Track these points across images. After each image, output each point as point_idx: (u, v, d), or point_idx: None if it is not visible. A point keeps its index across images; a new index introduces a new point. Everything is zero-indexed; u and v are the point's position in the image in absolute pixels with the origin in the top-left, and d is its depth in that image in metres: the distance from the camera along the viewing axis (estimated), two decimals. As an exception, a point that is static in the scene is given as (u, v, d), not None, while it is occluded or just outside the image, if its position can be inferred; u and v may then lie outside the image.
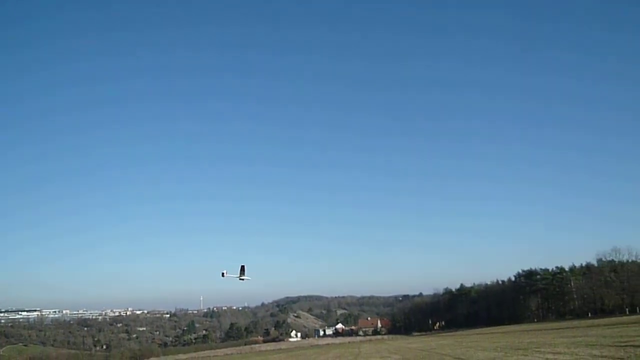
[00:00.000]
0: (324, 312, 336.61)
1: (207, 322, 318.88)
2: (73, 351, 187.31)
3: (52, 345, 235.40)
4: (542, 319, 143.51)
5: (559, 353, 22.95)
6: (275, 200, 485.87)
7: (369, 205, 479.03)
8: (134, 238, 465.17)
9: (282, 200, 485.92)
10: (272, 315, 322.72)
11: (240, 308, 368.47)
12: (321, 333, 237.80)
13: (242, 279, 62.27)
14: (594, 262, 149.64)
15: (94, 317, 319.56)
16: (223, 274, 62.05)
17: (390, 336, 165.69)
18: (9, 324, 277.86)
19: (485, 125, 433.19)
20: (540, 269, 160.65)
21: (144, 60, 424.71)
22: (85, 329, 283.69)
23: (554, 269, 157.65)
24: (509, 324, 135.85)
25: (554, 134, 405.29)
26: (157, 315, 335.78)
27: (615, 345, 24.35)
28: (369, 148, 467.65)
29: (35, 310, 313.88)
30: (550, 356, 21.72)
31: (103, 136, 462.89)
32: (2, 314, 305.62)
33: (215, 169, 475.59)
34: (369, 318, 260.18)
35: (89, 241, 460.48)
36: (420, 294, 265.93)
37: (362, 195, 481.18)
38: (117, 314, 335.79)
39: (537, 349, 26.88)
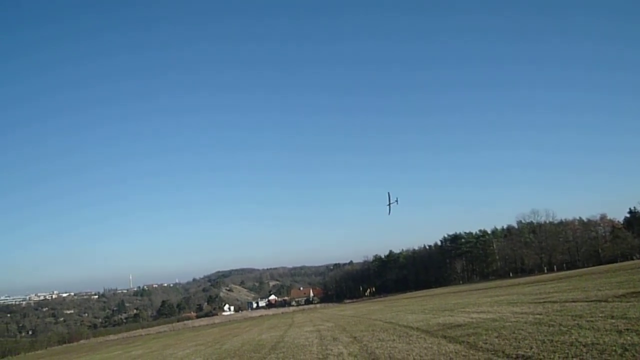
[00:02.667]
0: (257, 284, 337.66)
1: (138, 301, 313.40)
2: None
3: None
4: (467, 280, 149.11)
5: (483, 312, 23.93)
6: (202, 171, 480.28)
7: (302, 177, 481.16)
8: (56, 219, 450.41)
9: (210, 172, 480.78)
10: (204, 290, 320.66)
11: (172, 285, 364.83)
12: (254, 305, 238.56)
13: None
14: (514, 225, 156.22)
15: (17, 303, 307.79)
16: None
17: (323, 305, 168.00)
18: None
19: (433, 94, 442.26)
20: (465, 232, 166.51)
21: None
22: (9, 315, 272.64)
23: (478, 232, 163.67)
24: (437, 287, 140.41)
25: (478, 96, 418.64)
26: (85, 297, 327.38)
27: (534, 302, 25.61)
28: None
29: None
30: (475, 315, 22.62)
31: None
32: None
33: (146, 149, 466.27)
34: (301, 288, 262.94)
35: (7, 224, 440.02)
36: (351, 262, 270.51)
37: (297, 167, 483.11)
38: (42, 298, 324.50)
39: (462, 309, 27.92)
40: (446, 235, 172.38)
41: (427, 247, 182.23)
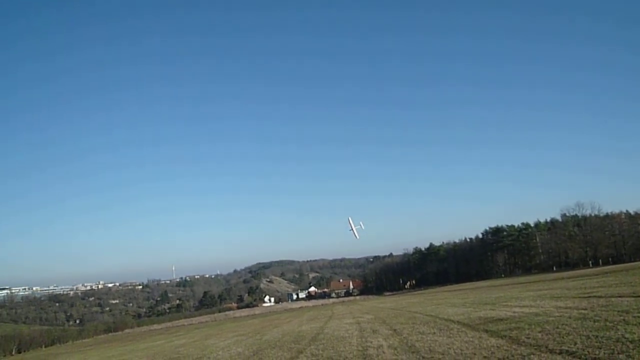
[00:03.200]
0: (297, 276, 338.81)
1: (180, 292, 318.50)
2: (46, 327, 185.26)
3: (24, 323, 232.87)
4: (509, 274, 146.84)
5: (525, 306, 23.57)
6: (245, 163, 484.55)
7: (339, 170, 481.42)
8: (102, 211, 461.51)
9: (252, 164, 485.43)
10: (245, 281, 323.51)
11: (213, 276, 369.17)
12: (294, 297, 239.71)
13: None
14: (558, 218, 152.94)
15: (65, 293, 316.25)
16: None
17: (363, 297, 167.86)
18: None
19: (462, 90, 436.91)
20: (507, 225, 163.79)
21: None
22: (57, 304, 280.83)
23: (520, 225, 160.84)
24: (477, 280, 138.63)
25: (523, 94, 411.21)
26: (130, 287, 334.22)
27: (579, 297, 25.10)
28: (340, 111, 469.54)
29: (4, 289, 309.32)
30: (517, 309, 22.29)
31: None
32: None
33: (187, 144, 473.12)
34: (341, 280, 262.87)
35: (56, 216, 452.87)
36: (391, 255, 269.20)
37: (335, 160, 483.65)
38: (88, 288, 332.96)
39: (504, 303, 27.55)
40: (488, 228, 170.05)
41: (468, 240, 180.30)
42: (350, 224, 72.97)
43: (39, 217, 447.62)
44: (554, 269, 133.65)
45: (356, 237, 69.94)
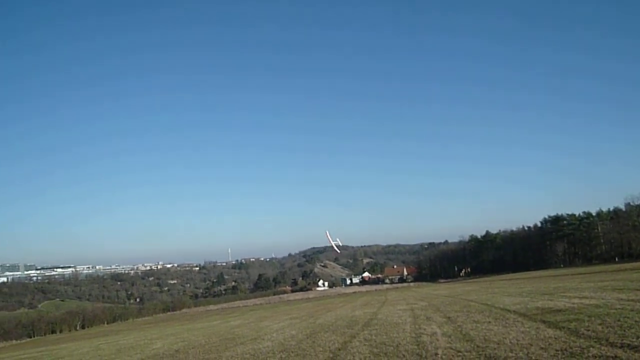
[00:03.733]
0: (350, 261, 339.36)
1: (236, 274, 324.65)
2: (108, 305, 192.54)
3: (88, 300, 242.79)
4: (569, 264, 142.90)
5: (585, 297, 22.94)
6: (301, 151, 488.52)
7: (393, 153, 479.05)
8: (162, 195, 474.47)
9: (309, 152, 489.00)
10: (299, 265, 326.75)
11: (268, 259, 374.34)
12: (348, 282, 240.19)
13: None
14: (622, 207, 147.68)
15: (126, 272, 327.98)
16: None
17: (417, 283, 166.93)
18: (46, 281, 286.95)
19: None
20: (567, 214, 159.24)
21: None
22: (119, 283, 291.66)
23: (581, 214, 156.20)
24: (535, 269, 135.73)
25: (577, 85, 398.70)
26: (187, 268, 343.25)
27: (642, 289, 24.28)
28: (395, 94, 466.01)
29: (69, 267, 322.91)
30: (576, 300, 21.72)
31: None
32: (38, 271, 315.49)
33: (242, 121, 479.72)
34: (395, 266, 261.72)
35: (119, 201, 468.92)
36: (446, 242, 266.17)
37: (388, 143, 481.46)
38: (148, 268, 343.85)
39: (563, 294, 26.89)
40: (547, 217, 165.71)
41: (526, 228, 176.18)
42: (328, 237, 72.45)
43: (103, 201, 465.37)
44: (616, 260, 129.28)
45: (337, 251, 69.47)
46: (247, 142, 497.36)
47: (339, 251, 71.36)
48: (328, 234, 72.28)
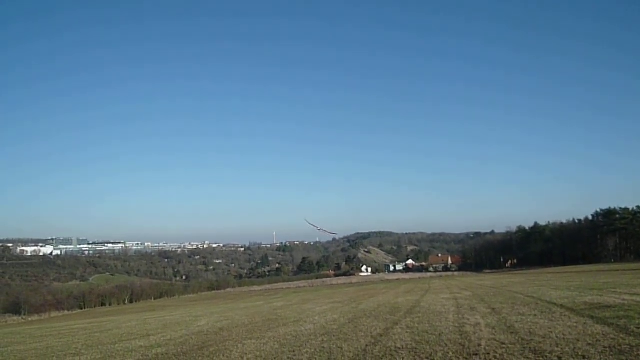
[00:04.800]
0: (395, 248, 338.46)
1: (280, 256, 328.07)
2: (155, 281, 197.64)
3: (136, 275, 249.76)
4: (620, 259, 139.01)
5: (637, 294, 22.30)
6: (348, 136, 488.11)
7: (439, 137, 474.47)
8: (209, 175, 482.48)
9: (356, 135, 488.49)
10: (343, 250, 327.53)
11: (312, 243, 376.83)
12: (391, 268, 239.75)
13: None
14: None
15: (173, 250, 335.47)
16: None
17: (461, 273, 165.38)
18: (97, 255, 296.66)
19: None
20: (620, 208, 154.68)
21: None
22: (166, 260, 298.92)
23: (635, 208, 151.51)
24: (584, 264, 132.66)
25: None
26: (233, 249, 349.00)
27: (698, 288, 23.44)
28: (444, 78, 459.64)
29: (120, 243, 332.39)
30: (627, 297, 21.13)
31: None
32: (90, 246, 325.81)
33: (292, 110, 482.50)
34: (439, 255, 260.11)
35: (169, 178, 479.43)
36: (493, 232, 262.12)
37: (434, 125, 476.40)
38: (195, 247, 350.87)
39: (613, 289, 26.21)
40: (599, 210, 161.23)
41: (577, 221, 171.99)
42: (309, 223, 72.52)
43: (154, 181, 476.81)
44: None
45: (329, 233, 70.06)
46: (294, 130, 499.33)
47: (336, 233, 69.81)
48: (307, 221, 72.06)
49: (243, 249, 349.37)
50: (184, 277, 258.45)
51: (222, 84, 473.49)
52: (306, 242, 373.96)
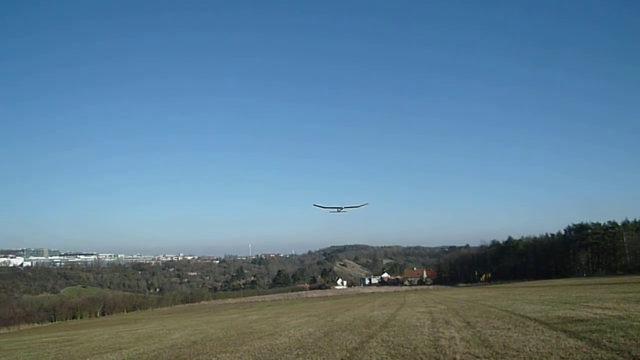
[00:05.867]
0: (370, 261, 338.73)
1: (256, 269, 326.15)
2: (128, 293, 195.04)
3: (109, 287, 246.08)
4: (592, 273, 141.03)
5: (608, 308, 22.59)
6: (323, 150, 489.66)
7: (413, 153, 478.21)
8: (184, 187, 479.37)
9: (330, 156, 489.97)
10: (318, 263, 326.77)
11: (288, 256, 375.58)
12: (367, 282, 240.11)
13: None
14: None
15: (147, 262, 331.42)
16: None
17: (436, 286, 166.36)
18: (69, 267, 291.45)
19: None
20: (592, 223, 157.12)
21: None
22: (140, 272, 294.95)
23: (606, 223, 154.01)
24: (557, 278, 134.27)
25: (606, 88, 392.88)
26: (207, 261, 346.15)
27: (667, 302, 23.85)
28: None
29: (92, 254, 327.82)
30: (599, 311, 21.40)
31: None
32: (62, 257, 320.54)
33: (267, 123, 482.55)
34: (414, 268, 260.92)
35: (143, 190, 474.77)
36: (467, 246, 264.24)
37: (409, 143, 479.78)
38: (169, 259, 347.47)
39: (585, 304, 26.52)
40: (571, 225, 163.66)
41: (550, 236, 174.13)
42: (322, 207, 67.35)
43: (127, 192, 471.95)
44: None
45: (343, 208, 65.47)
46: (269, 141, 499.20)
47: (346, 207, 66.68)
48: (316, 204, 68.08)
49: (218, 262, 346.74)
50: (157, 290, 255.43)
51: (198, 97, 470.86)
52: (282, 255, 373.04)
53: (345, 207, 61.85)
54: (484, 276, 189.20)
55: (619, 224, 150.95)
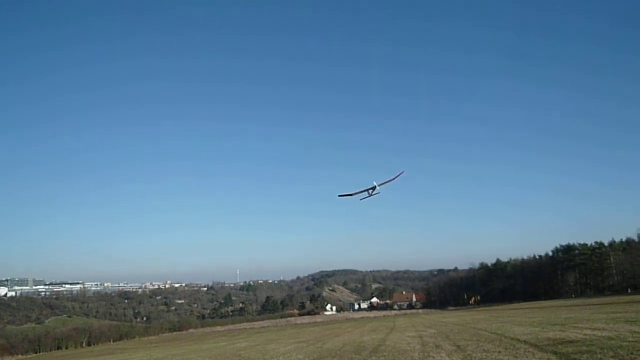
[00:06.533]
0: (359, 286, 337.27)
1: (244, 295, 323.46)
2: (114, 322, 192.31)
3: (95, 317, 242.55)
4: (580, 294, 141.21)
5: (598, 329, 22.60)
6: (313, 174, 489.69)
7: (404, 178, 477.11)
8: (171, 214, 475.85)
9: (320, 178, 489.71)
10: (307, 288, 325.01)
11: (276, 281, 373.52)
12: (356, 307, 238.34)
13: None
14: (635, 238, 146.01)
15: (134, 290, 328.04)
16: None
17: (425, 310, 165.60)
18: (54, 296, 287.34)
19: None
20: (579, 243, 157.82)
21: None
22: (126, 301, 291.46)
23: (593, 244, 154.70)
24: (546, 299, 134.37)
25: (593, 108, 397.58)
26: (195, 288, 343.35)
27: (656, 322, 23.90)
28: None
29: (78, 283, 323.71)
30: (588, 332, 21.39)
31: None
32: (47, 287, 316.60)
33: (249, 149, 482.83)
34: (404, 292, 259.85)
35: (129, 217, 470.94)
36: (456, 269, 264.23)
37: (396, 165, 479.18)
38: (156, 287, 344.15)
39: (574, 325, 26.52)
40: (559, 246, 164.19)
41: (537, 257, 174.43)
42: (350, 195, 60.38)
43: (112, 220, 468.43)
44: (629, 291, 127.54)
45: (377, 187, 57.31)
46: (259, 164, 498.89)
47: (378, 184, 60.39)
48: (340, 194, 60.51)
49: (206, 289, 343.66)
50: (144, 318, 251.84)
51: (182, 121, 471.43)
52: (270, 281, 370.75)
53: (378, 185, 54.66)
54: (473, 299, 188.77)
55: (606, 244, 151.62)
